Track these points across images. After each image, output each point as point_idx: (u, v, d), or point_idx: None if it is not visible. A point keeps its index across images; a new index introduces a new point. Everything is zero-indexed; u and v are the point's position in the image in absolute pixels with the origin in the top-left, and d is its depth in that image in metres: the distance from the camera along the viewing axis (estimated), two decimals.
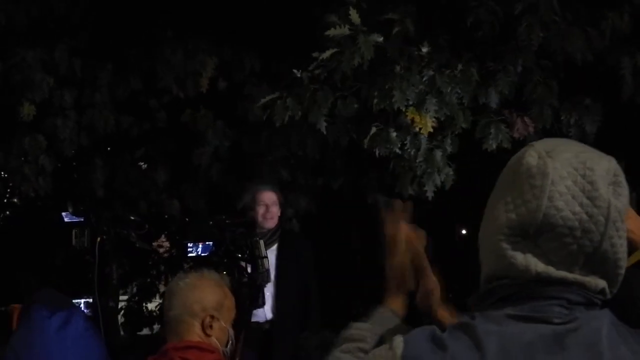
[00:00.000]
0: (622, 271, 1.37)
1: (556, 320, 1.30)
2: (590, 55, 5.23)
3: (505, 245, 1.34)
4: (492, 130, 5.29)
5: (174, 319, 2.80)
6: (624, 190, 1.36)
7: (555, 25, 5.19)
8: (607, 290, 1.36)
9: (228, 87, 6.51)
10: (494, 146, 5.26)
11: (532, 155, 1.36)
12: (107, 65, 6.41)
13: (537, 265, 1.32)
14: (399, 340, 1.33)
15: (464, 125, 5.30)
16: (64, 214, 5.59)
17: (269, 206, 5.33)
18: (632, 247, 2.50)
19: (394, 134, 5.24)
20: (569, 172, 1.33)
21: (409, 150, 5.30)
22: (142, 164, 7.26)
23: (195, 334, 2.78)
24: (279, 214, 5.42)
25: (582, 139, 5.53)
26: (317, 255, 5.61)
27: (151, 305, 12.56)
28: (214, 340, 2.81)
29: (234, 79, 6.48)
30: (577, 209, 1.31)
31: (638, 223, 2.55)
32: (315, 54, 4.95)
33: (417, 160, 5.37)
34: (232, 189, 6.77)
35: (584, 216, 1.31)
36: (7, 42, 6.13)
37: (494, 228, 1.37)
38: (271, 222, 5.33)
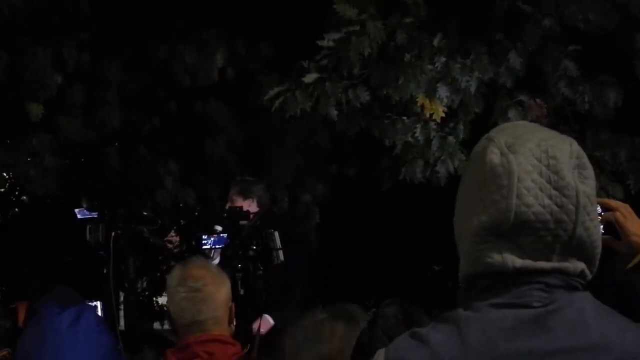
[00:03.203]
0: (599, 250, 1.38)
1: (536, 304, 1.32)
2: (610, 25, 5.18)
3: (480, 247, 1.34)
4: (510, 115, 5.24)
5: (205, 322, 2.81)
6: (589, 172, 1.38)
7: None
8: (587, 271, 1.36)
9: (239, 76, 6.47)
10: None
11: (494, 152, 1.35)
12: (117, 60, 6.36)
13: (514, 261, 1.33)
14: (379, 351, 1.34)
15: (476, 110, 5.27)
16: (76, 210, 5.56)
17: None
18: (633, 248, 2.44)
19: (405, 120, 5.21)
20: (533, 165, 1.33)
21: (418, 137, 5.27)
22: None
23: (223, 330, 2.82)
24: (248, 207, 5.38)
25: (603, 114, 5.45)
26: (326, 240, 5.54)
27: (162, 300, 12.57)
28: (232, 327, 2.86)
29: (245, 69, 6.44)
30: (547, 201, 1.32)
31: None
32: (322, 43, 4.92)
33: (430, 148, 5.33)
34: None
35: (555, 207, 1.32)
36: (15, 38, 6.08)
37: (466, 231, 1.36)
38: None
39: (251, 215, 5.27)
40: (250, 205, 5.38)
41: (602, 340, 1.29)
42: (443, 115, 5.19)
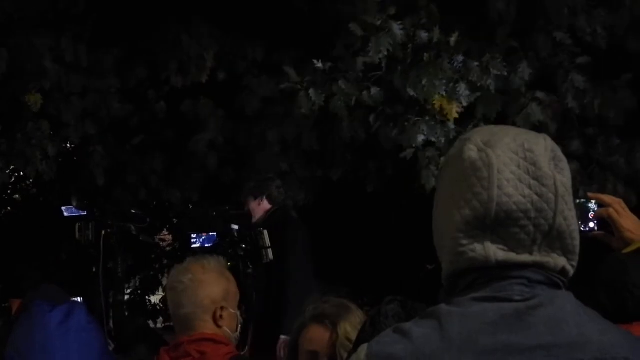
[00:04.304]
0: (578, 242, 1.38)
1: (517, 298, 1.32)
2: (617, 35, 5.22)
3: (464, 241, 1.36)
4: (530, 111, 5.24)
5: (186, 316, 2.80)
6: (565, 164, 1.39)
7: (581, 5, 5.20)
8: (568, 267, 1.37)
9: (228, 78, 6.46)
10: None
11: (471, 149, 1.37)
12: (112, 52, 6.37)
13: (496, 254, 1.34)
14: (363, 345, 1.36)
15: (496, 109, 5.26)
16: (63, 208, 5.55)
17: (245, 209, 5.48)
18: (627, 243, 2.44)
19: (427, 120, 5.17)
20: (511, 158, 1.35)
21: (439, 138, 5.25)
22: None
23: (208, 328, 2.80)
24: (259, 206, 5.43)
25: (614, 120, 5.47)
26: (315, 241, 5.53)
27: (154, 298, 12.57)
28: (225, 330, 2.82)
29: (234, 70, 6.43)
30: (527, 191, 1.34)
31: (635, 221, 2.47)
32: (354, 28, 4.91)
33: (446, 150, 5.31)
34: (228, 179, 6.73)
35: (535, 197, 1.34)
36: (14, 31, 6.09)
37: (449, 229, 1.37)
38: (252, 219, 5.40)
39: (254, 215, 5.31)
40: (260, 204, 5.40)
41: (580, 339, 1.30)
42: (456, 115, 5.17)
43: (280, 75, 5.55)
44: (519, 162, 1.35)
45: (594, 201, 2.54)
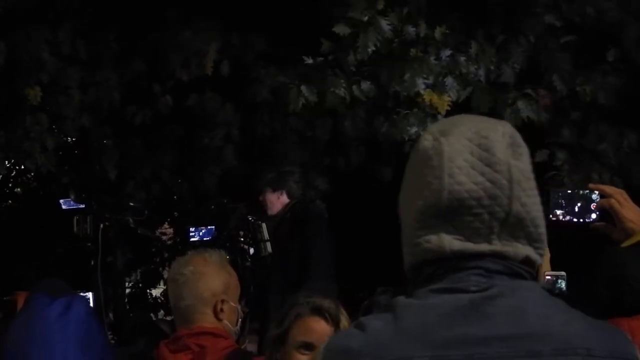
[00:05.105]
0: (543, 229, 1.36)
1: (473, 288, 1.31)
2: (609, 18, 5.23)
3: (419, 232, 1.34)
4: (520, 106, 5.23)
5: (186, 309, 2.83)
6: (523, 149, 1.36)
7: None
8: (534, 256, 1.34)
9: (234, 70, 6.45)
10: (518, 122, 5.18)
11: (426, 138, 1.36)
12: (111, 45, 6.36)
13: (452, 244, 1.32)
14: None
15: (485, 104, 5.25)
16: (61, 201, 5.55)
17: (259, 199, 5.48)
18: (628, 234, 2.44)
19: (416, 112, 5.17)
20: (464, 145, 1.33)
21: None
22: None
23: (208, 321, 2.82)
24: (278, 199, 5.41)
25: (606, 101, 5.45)
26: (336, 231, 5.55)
27: (156, 292, 12.56)
28: (225, 323, 2.84)
29: (240, 62, 6.41)
30: (479, 178, 1.31)
31: (637, 211, 2.47)
32: (337, 29, 4.91)
33: None
34: (243, 171, 6.72)
35: (487, 184, 1.31)
36: (11, 25, 6.09)
37: (407, 220, 1.37)
38: (269, 211, 5.40)
39: (272, 207, 5.32)
40: (279, 197, 5.41)
41: (542, 329, 1.27)
42: (448, 108, 5.16)
43: (284, 68, 5.55)
44: (472, 149, 1.33)
45: (596, 192, 2.54)
